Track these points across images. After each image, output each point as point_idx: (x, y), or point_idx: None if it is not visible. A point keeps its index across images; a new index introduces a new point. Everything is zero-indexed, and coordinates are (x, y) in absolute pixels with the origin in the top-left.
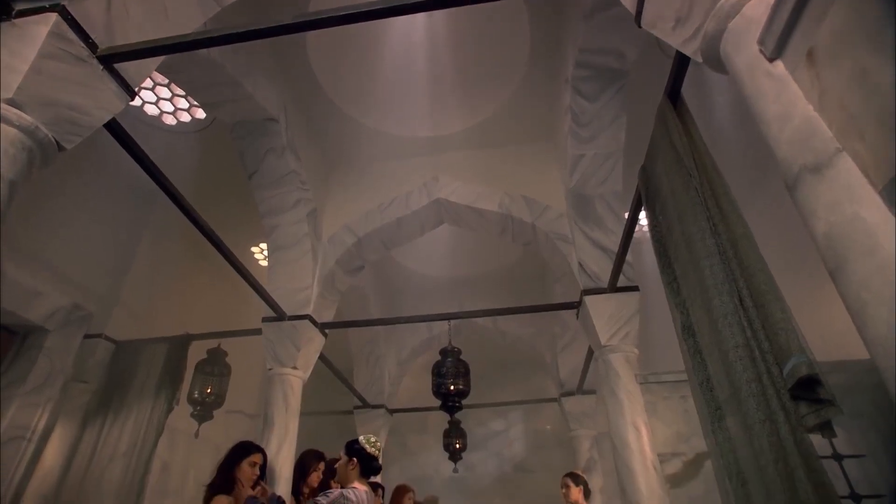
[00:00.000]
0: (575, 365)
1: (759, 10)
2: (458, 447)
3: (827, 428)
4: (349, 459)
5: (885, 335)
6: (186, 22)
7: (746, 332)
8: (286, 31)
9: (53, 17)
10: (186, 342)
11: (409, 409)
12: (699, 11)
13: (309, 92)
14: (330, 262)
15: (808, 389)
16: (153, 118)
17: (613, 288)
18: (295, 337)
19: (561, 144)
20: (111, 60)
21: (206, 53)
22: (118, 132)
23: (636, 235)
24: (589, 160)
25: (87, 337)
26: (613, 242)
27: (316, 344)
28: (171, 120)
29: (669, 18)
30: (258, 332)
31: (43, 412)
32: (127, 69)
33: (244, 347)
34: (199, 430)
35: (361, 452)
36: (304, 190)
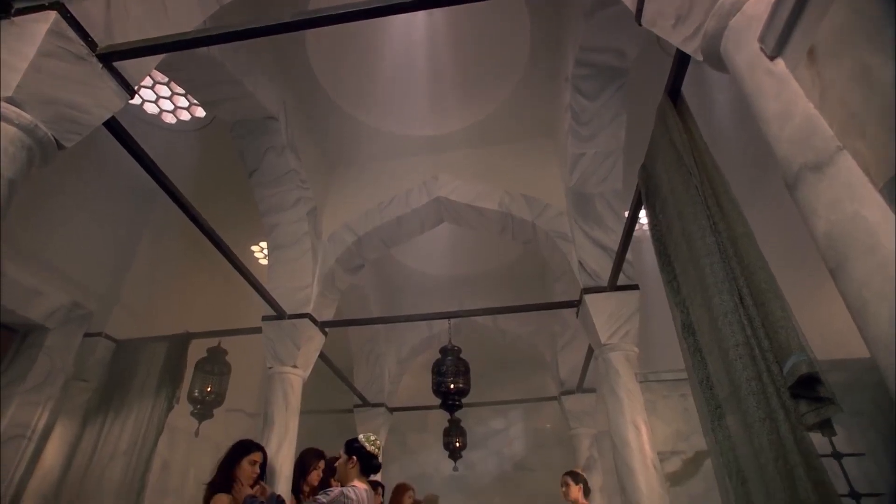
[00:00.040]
0: (575, 363)
1: (759, 8)
2: (458, 446)
3: (827, 426)
4: (349, 458)
5: (885, 333)
6: (186, 20)
7: (746, 330)
8: (286, 29)
9: (53, 15)
10: (186, 341)
11: (409, 407)
12: (700, 9)
13: (309, 90)
14: (330, 260)
15: (807, 388)
16: (153, 117)
17: (613, 286)
18: (295, 335)
19: (561, 143)
20: (111, 59)
21: (205, 52)
22: (118, 131)
23: (636, 234)
24: (589, 159)
25: (87, 335)
26: (613, 241)
27: (316, 342)
28: (170, 118)
29: (670, 16)
30: (258, 330)
31: (43, 411)
32: (126, 67)
33: (244, 346)
34: (199, 428)
35: (361, 451)
36: (304, 188)
